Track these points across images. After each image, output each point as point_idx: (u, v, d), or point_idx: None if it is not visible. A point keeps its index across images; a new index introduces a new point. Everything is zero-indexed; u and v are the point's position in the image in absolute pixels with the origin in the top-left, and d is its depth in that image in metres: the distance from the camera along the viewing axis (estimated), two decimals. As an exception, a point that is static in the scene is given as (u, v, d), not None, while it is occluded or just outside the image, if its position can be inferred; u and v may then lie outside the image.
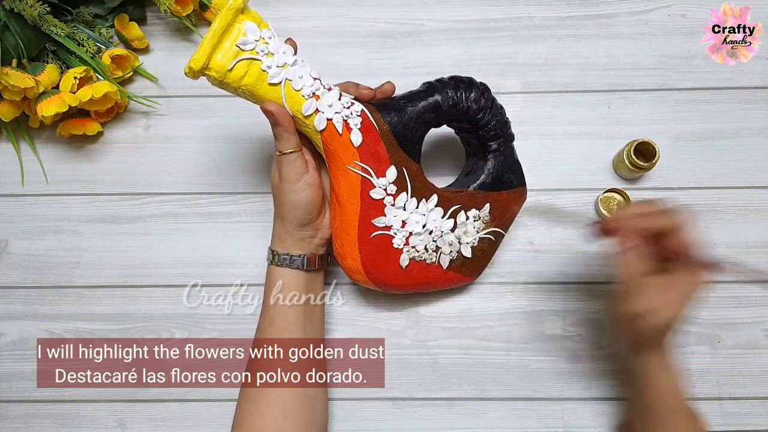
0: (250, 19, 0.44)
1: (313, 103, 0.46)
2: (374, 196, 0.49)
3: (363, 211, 0.49)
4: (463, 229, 0.53)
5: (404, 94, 0.50)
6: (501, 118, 0.52)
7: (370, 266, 0.51)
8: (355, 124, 0.47)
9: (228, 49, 0.43)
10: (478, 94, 0.50)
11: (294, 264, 0.50)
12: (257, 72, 0.45)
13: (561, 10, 0.66)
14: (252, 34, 0.44)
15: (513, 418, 0.58)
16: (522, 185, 0.55)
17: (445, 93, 0.49)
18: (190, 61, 0.43)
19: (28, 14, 0.57)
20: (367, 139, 0.48)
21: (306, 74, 0.46)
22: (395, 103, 0.49)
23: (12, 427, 0.59)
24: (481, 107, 0.50)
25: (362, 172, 0.48)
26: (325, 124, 0.47)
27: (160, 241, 0.62)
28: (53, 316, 0.61)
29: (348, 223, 0.50)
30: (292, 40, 0.47)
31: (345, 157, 0.48)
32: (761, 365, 0.58)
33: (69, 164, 0.64)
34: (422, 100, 0.49)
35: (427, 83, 0.50)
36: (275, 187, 0.49)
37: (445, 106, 0.49)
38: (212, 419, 0.58)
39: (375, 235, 0.50)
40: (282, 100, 0.46)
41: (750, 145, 0.62)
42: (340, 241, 0.51)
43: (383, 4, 0.67)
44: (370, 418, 0.58)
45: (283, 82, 0.45)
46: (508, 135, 0.53)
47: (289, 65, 0.45)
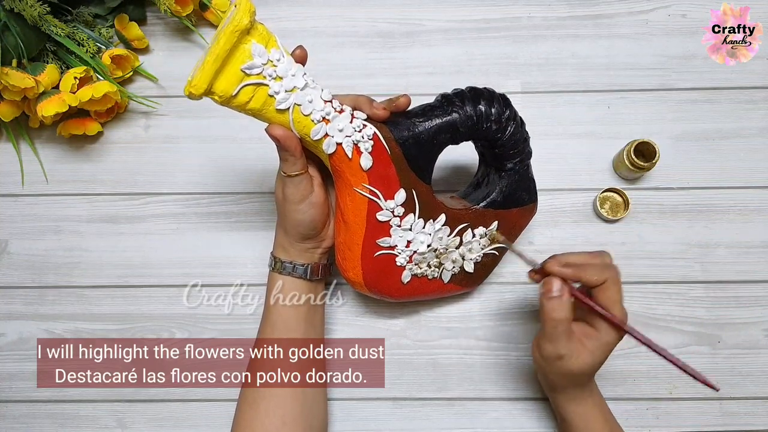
0: (257, 38, 0.40)
1: (323, 127, 0.43)
2: (381, 219, 0.47)
3: (368, 231, 0.48)
4: (469, 246, 0.52)
5: (419, 108, 0.47)
6: (521, 136, 0.49)
7: (372, 281, 0.50)
8: (366, 148, 0.45)
9: (232, 73, 0.40)
10: (499, 110, 0.46)
11: (296, 272, 0.50)
12: (264, 97, 0.41)
13: (561, 10, 0.66)
14: (259, 58, 0.40)
15: (513, 418, 0.58)
16: (533, 201, 0.53)
17: (464, 111, 0.46)
18: (190, 85, 0.39)
19: (28, 14, 0.57)
20: (378, 163, 0.45)
21: (317, 98, 0.42)
22: (408, 122, 0.46)
23: (12, 427, 0.59)
24: (501, 127, 0.47)
25: (370, 195, 0.46)
26: (334, 149, 0.44)
27: (160, 241, 0.62)
28: (53, 316, 0.61)
29: (352, 241, 0.49)
30: (302, 48, 0.43)
31: (353, 179, 0.46)
32: (761, 365, 0.58)
33: (69, 164, 0.64)
34: (438, 117, 0.46)
35: (443, 96, 0.47)
36: (279, 203, 0.48)
37: (462, 127, 0.46)
38: (212, 419, 0.58)
39: (379, 254, 0.49)
40: (290, 125, 0.43)
41: (750, 145, 0.62)
42: (343, 255, 0.50)
43: (383, 4, 0.67)
44: (370, 418, 0.58)
45: (292, 107, 0.42)
46: (526, 153, 0.50)
47: (298, 89, 0.42)
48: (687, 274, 0.60)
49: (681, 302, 0.59)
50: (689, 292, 0.59)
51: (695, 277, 0.60)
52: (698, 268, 0.60)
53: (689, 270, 0.60)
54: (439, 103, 0.47)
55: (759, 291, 0.59)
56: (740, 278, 0.59)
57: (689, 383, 0.57)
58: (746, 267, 0.60)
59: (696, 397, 0.58)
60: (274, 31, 0.43)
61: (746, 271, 0.60)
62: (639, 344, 0.58)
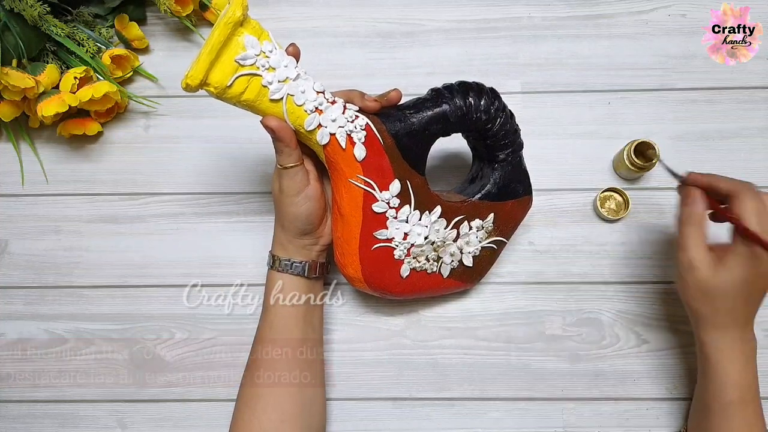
0: (250, 31, 0.42)
1: (315, 117, 0.44)
2: (377, 210, 0.48)
3: (365, 223, 0.48)
4: (466, 239, 0.52)
5: (410, 102, 0.48)
6: (511, 127, 0.50)
7: (371, 276, 0.50)
8: (359, 138, 0.46)
9: (226, 64, 0.41)
10: (488, 102, 0.48)
11: (295, 270, 0.50)
12: (258, 87, 0.43)
13: (561, 10, 0.66)
14: (252, 49, 0.42)
15: (513, 418, 0.58)
16: (528, 194, 0.54)
17: (454, 102, 0.47)
18: (186, 76, 0.41)
19: (28, 14, 0.57)
20: (371, 153, 0.46)
21: (309, 88, 0.44)
22: (401, 114, 0.47)
23: (12, 427, 0.59)
24: (491, 117, 0.48)
25: (365, 185, 0.47)
26: (328, 139, 0.45)
27: (160, 241, 0.62)
28: (53, 316, 0.61)
29: (349, 234, 0.49)
30: (295, 45, 0.45)
31: (348, 170, 0.47)
32: (761, 365, 0.58)
33: (69, 164, 0.64)
34: (429, 109, 0.47)
35: (434, 90, 0.48)
36: (276, 197, 0.49)
37: (453, 117, 0.47)
38: (212, 419, 0.58)
39: (376, 247, 0.50)
40: (284, 116, 0.44)
41: (750, 145, 0.62)
42: (341, 250, 0.50)
43: (383, 4, 0.67)
44: (370, 418, 0.58)
45: (285, 98, 0.44)
46: (517, 144, 0.51)
47: (291, 80, 0.43)
48: (687, 274, 0.60)
49: (681, 302, 0.59)
50: (689, 292, 0.59)
51: (695, 277, 0.60)
52: (698, 268, 0.60)
53: (689, 270, 0.60)
54: (430, 96, 0.48)
55: (759, 291, 0.59)
56: None
57: (689, 383, 0.58)
58: (746, 267, 0.60)
59: (696, 397, 0.58)
60: (275, 31, 0.44)
61: (746, 271, 0.59)
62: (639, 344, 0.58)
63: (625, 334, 0.59)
